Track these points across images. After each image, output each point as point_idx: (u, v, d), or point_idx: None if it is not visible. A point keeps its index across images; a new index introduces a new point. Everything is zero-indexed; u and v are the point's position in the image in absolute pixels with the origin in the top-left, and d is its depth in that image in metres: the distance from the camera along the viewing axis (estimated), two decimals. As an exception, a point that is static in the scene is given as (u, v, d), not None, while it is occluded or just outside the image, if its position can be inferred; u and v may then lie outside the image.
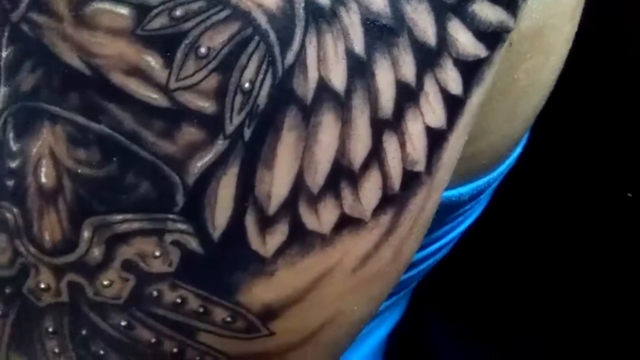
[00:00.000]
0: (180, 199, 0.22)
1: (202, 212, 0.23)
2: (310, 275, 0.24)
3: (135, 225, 0.23)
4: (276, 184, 0.23)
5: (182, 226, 0.23)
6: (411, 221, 0.25)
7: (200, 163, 0.22)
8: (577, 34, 0.31)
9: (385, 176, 0.24)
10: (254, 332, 0.24)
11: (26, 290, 0.24)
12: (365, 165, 0.23)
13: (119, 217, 0.23)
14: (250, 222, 0.23)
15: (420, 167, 0.24)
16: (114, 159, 0.22)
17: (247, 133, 0.22)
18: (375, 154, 0.23)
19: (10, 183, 0.23)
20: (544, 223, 0.40)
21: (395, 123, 0.23)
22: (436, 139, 0.24)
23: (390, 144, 0.23)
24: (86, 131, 0.22)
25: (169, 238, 0.23)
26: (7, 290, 0.24)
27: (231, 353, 0.25)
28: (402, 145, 0.24)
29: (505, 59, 0.26)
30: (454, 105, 0.24)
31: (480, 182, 0.34)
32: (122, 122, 0.22)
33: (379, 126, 0.23)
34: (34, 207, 0.23)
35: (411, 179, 0.24)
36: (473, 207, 0.37)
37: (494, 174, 0.34)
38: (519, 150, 0.36)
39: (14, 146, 0.23)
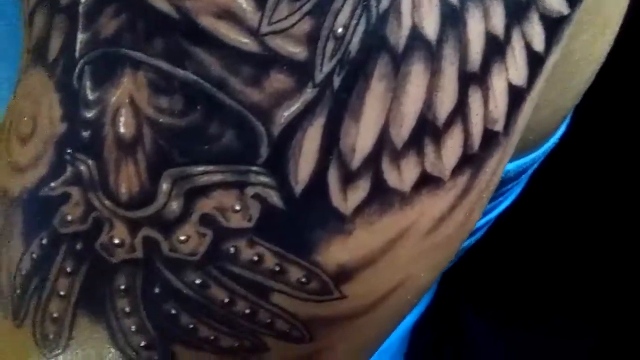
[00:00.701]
0: (264, 150, 0.22)
1: (285, 165, 0.22)
2: (386, 236, 0.24)
3: (217, 178, 0.22)
4: (361, 136, 0.22)
5: (264, 179, 0.22)
6: (484, 184, 0.25)
7: (287, 113, 0.22)
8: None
9: (467, 134, 0.23)
10: (327, 295, 0.24)
11: (99, 246, 0.23)
12: (450, 121, 0.23)
13: (200, 168, 0.22)
14: (333, 177, 0.22)
15: (499, 126, 0.24)
16: (198, 107, 0.22)
17: (337, 81, 0.21)
18: (460, 110, 0.23)
19: (85, 134, 0.22)
20: (578, 207, 0.40)
21: (481, 77, 0.23)
22: (516, 97, 0.24)
23: (475, 99, 0.23)
24: (170, 78, 0.21)
25: (250, 191, 0.22)
26: (79, 246, 0.23)
27: (302, 316, 0.24)
28: (486, 101, 0.23)
29: None
30: (535, 63, 0.24)
31: (527, 159, 0.34)
32: (209, 68, 0.21)
33: (465, 80, 0.23)
34: (111, 159, 0.22)
35: (490, 139, 0.24)
36: (513, 187, 0.37)
37: (539, 152, 0.34)
38: (563, 129, 0.36)
39: (90, 95, 0.22)
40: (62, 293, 0.24)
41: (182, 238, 0.23)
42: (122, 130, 0.22)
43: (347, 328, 0.25)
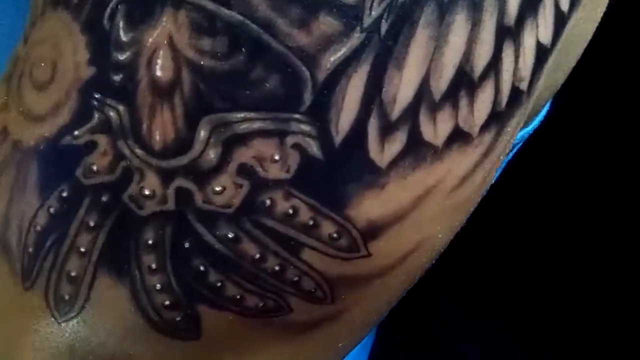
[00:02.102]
0: (307, 97, 0.21)
1: (327, 113, 0.21)
2: (415, 192, 0.23)
3: (257, 125, 0.21)
4: (403, 86, 0.22)
5: (305, 128, 0.21)
6: (503, 145, 0.25)
7: (333, 57, 0.21)
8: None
9: (497, 90, 0.23)
10: (354, 252, 0.23)
11: (127, 198, 0.22)
12: (484, 75, 0.23)
13: (241, 115, 0.21)
14: (373, 128, 0.22)
15: (524, 85, 0.24)
16: (243, 49, 0.21)
17: (384, 27, 0.21)
18: (494, 64, 0.23)
19: (116, 78, 0.21)
20: (558, 203, 0.41)
21: (515, 32, 0.23)
22: (541, 57, 0.24)
23: (508, 55, 0.23)
24: (214, 18, 0.21)
25: (290, 141, 0.22)
26: (104, 198, 0.22)
27: (329, 275, 0.23)
28: (516, 58, 0.23)
29: None
30: (560, 23, 0.24)
31: (517, 135, 0.34)
32: (255, 8, 0.21)
33: (501, 33, 0.23)
34: (145, 104, 0.21)
35: (515, 97, 0.24)
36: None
37: (528, 127, 0.35)
38: (545, 109, 0.36)
39: (124, 36, 0.21)
40: (82, 249, 0.22)
41: (218, 189, 0.22)
42: (158, 73, 0.21)
43: (365, 290, 0.25)
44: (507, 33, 0.23)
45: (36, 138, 0.22)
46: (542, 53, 0.24)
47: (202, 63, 0.21)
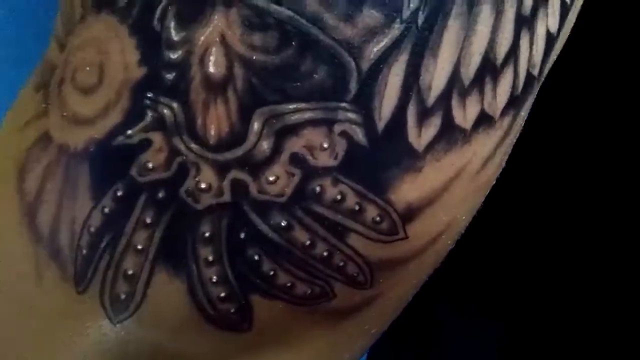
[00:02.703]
0: (353, 86, 0.22)
1: (371, 101, 0.23)
2: (447, 175, 0.25)
3: (307, 115, 0.22)
4: (438, 73, 0.23)
5: (351, 116, 0.23)
6: (518, 128, 0.27)
7: (376, 48, 0.22)
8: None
9: (515, 75, 0.25)
10: (394, 235, 0.24)
11: (183, 193, 0.22)
12: (505, 61, 0.25)
13: (292, 106, 0.22)
14: (411, 114, 0.23)
15: (536, 71, 0.26)
16: (293, 43, 0.22)
17: (421, 18, 0.23)
18: (513, 51, 0.25)
19: (169, 76, 0.22)
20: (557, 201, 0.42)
21: (530, 21, 0.25)
22: (549, 45, 0.26)
23: (524, 42, 0.25)
24: (265, 14, 0.22)
25: (338, 128, 0.23)
26: (161, 195, 0.22)
27: (370, 259, 0.25)
28: (531, 45, 0.25)
29: None
30: (564, 12, 0.26)
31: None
32: (305, 3, 0.22)
33: (520, 22, 0.24)
34: (199, 100, 0.22)
35: (529, 83, 0.26)
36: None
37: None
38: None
39: (175, 36, 0.22)
40: (139, 247, 0.23)
41: (271, 179, 0.23)
42: (211, 70, 0.22)
43: (400, 273, 0.26)
44: (524, 22, 0.25)
45: (86, 140, 0.23)
46: (551, 41, 0.26)
47: (254, 58, 0.22)
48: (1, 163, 0.26)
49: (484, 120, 0.25)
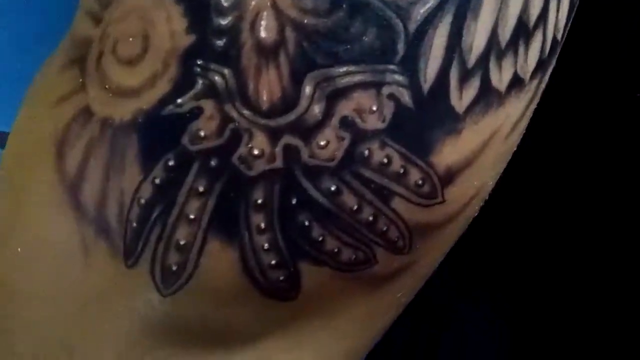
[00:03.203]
0: (401, 47, 0.23)
1: (417, 63, 0.23)
2: (482, 137, 0.25)
3: (357, 78, 0.22)
4: (478, 35, 0.24)
5: (398, 78, 0.23)
6: (540, 94, 0.28)
7: (422, 9, 0.23)
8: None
9: (544, 39, 0.26)
10: (433, 198, 0.25)
11: (236, 159, 0.22)
12: (536, 25, 0.25)
13: (342, 69, 0.22)
14: (454, 75, 0.24)
15: (560, 36, 0.27)
16: (343, 5, 0.22)
17: None
18: (543, 15, 0.25)
19: (219, 43, 0.22)
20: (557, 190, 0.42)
21: None
22: (571, 10, 0.27)
23: (553, 6, 0.26)
24: None
25: (386, 91, 0.23)
26: (214, 162, 0.22)
27: (411, 223, 0.25)
28: (557, 9, 0.26)
29: None
30: None
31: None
32: None
33: None
34: (250, 66, 0.22)
35: (554, 46, 0.27)
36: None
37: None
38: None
39: (225, 2, 0.22)
40: (191, 216, 0.23)
41: (322, 143, 0.23)
42: (263, 34, 0.22)
43: (435, 239, 0.26)
44: None
45: (132, 112, 0.23)
46: (572, 6, 0.27)
47: (305, 21, 0.22)
48: (34, 143, 0.25)
49: (516, 83, 0.25)
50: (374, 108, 0.23)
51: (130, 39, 0.23)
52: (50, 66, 0.26)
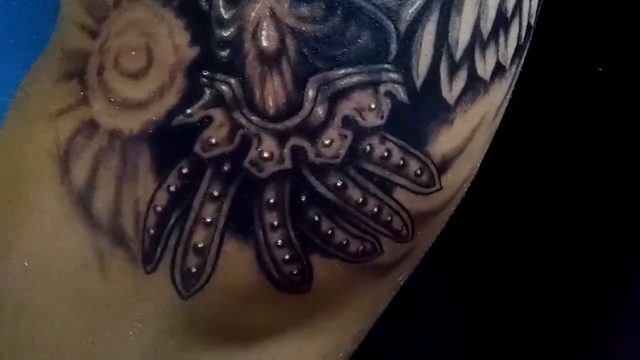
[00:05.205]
0: (393, 47, 0.24)
1: (410, 60, 0.24)
2: (472, 124, 0.27)
3: (355, 79, 0.24)
4: (463, 30, 0.25)
5: (393, 75, 0.24)
6: (516, 78, 0.29)
7: (411, 9, 0.24)
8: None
9: (520, 26, 0.27)
10: (431, 187, 0.26)
11: (247, 163, 0.23)
12: (513, 13, 0.27)
13: (341, 71, 0.24)
14: (443, 69, 0.25)
15: (533, 20, 0.28)
16: (338, 12, 0.23)
17: None
18: (518, 4, 0.27)
19: (223, 54, 0.23)
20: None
21: None
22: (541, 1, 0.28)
23: None
24: None
25: (382, 89, 0.24)
26: (226, 167, 0.23)
27: (413, 212, 0.26)
28: None
29: None
30: None
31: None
32: None
33: None
34: (255, 74, 0.23)
35: (529, 31, 0.28)
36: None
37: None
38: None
39: (226, 14, 0.23)
40: (208, 220, 0.24)
41: (327, 142, 0.24)
42: (265, 44, 0.23)
43: (433, 224, 0.28)
44: None
45: (142, 124, 0.23)
46: None
47: (303, 29, 0.23)
48: (33, 156, 0.25)
49: (499, 70, 0.27)
50: (373, 106, 0.24)
51: (133, 53, 0.24)
52: (39, 78, 0.26)
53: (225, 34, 0.23)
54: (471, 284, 0.45)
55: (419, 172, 0.26)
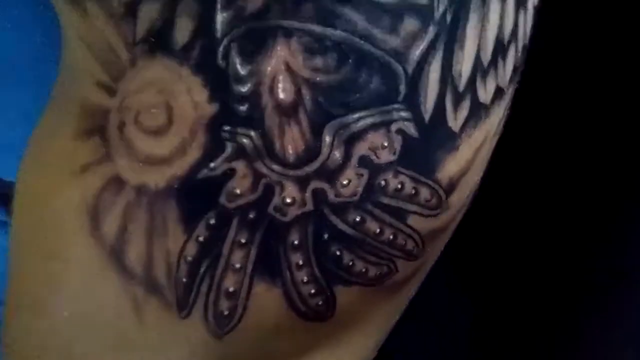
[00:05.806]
0: (402, 88, 0.25)
1: (418, 97, 0.25)
2: (475, 146, 0.28)
3: (369, 121, 0.25)
4: (465, 62, 0.26)
5: (404, 114, 0.25)
6: (513, 94, 0.30)
7: (417, 51, 0.25)
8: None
9: (516, 50, 0.28)
10: (439, 208, 0.28)
11: (272, 210, 0.25)
12: (509, 40, 0.28)
13: (355, 115, 0.25)
14: (448, 101, 0.26)
15: (527, 40, 0.29)
16: (349, 60, 0.24)
17: (449, 18, 0.25)
18: (515, 30, 0.28)
19: (242, 108, 0.24)
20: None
21: (525, 2, 0.28)
22: (535, 17, 0.30)
23: (521, 20, 0.28)
24: (322, 39, 0.24)
25: (394, 127, 0.25)
26: (252, 215, 0.25)
27: (423, 232, 0.28)
28: (525, 22, 0.29)
29: None
30: None
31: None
32: (355, 24, 0.24)
33: (518, 5, 0.28)
34: (274, 125, 0.24)
35: (524, 52, 0.29)
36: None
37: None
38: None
39: (242, 70, 0.24)
40: (237, 265, 0.25)
41: (345, 182, 0.25)
42: (282, 96, 0.24)
43: (441, 239, 0.29)
44: (521, 4, 0.28)
45: (167, 179, 0.24)
46: (536, 13, 0.29)
47: (317, 79, 0.24)
48: (62, 211, 0.26)
49: (498, 93, 0.28)
50: (386, 144, 0.25)
51: (153, 110, 0.24)
52: (56, 133, 0.27)
53: (243, 89, 0.24)
54: (474, 285, 0.46)
55: (429, 197, 0.27)
